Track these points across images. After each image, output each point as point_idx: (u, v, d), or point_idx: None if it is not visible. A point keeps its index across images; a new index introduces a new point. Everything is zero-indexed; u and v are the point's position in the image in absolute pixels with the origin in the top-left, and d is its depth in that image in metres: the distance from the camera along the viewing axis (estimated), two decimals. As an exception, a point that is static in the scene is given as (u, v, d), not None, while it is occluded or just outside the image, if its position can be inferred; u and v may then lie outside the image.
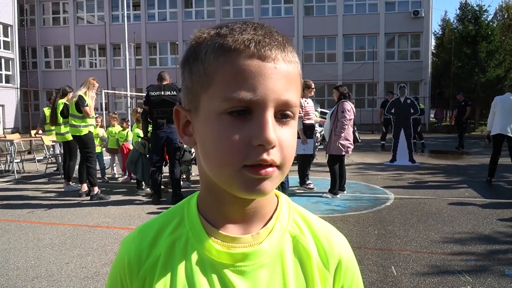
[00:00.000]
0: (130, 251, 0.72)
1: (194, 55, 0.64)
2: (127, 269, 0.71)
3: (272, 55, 0.60)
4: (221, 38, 0.61)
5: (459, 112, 14.57)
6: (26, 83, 19.26)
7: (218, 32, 0.63)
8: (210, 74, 0.61)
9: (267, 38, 0.61)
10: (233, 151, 0.60)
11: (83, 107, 6.83)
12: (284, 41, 0.63)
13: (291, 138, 0.63)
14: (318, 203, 6.56)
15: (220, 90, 0.60)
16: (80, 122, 6.94)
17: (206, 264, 0.68)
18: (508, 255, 4.21)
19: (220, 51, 0.61)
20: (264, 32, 0.62)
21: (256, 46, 0.60)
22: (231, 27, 0.63)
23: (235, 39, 0.60)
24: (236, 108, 0.60)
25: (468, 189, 7.54)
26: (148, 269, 0.70)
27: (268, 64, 0.60)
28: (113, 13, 31.53)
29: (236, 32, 0.61)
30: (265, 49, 0.60)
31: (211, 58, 0.61)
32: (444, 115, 32.19)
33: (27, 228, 5.36)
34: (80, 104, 6.84)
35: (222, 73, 0.60)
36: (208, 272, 0.67)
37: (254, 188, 0.61)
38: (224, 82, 0.60)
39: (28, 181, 9.07)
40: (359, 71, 28.27)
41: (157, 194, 6.65)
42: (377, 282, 3.53)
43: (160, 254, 0.70)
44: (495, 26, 26.76)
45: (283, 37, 0.64)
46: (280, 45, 0.62)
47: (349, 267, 0.74)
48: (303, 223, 0.74)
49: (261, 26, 0.64)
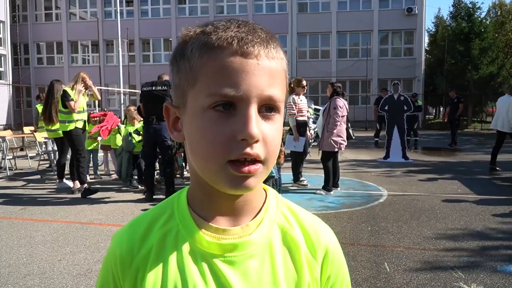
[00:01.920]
0: (122, 244, 0.73)
1: (181, 52, 0.66)
2: (119, 262, 0.72)
3: (254, 52, 0.62)
4: (206, 36, 0.63)
5: (452, 109, 14.63)
6: (18, 80, 19.10)
7: (203, 30, 0.65)
8: (196, 71, 0.63)
9: (250, 35, 0.63)
10: (217, 146, 0.61)
11: (67, 102, 6.70)
12: (267, 38, 0.64)
13: (275, 133, 0.65)
14: (311, 200, 6.57)
15: (205, 86, 0.62)
16: (65, 118, 6.80)
17: (197, 255, 0.69)
18: (500, 251, 4.24)
19: (205, 48, 0.63)
20: (247, 29, 0.64)
21: (239, 43, 0.61)
22: (216, 25, 0.64)
23: (219, 36, 0.62)
24: (220, 103, 0.61)
25: (460, 186, 7.59)
26: (140, 261, 0.71)
27: (251, 60, 0.61)
28: (106, 9, 31.33)
29: (220, 30, 0.63)
30: (247, 45, 0.61)
31: (196, 56, 0.63)
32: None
33: (19, 225, 5.32)
34: (64, 98, 6.72)
35: (206, 69, 0.62)
36: (199, 261, 0.69)
37: (238, 184, 0.63)
38: (209, 79, 0.62)
39: (20, 178, 9.01)
40: (353, 68, 28.31)
41: (150, 191, 6.63)
42: (370, 279, 3.54)
43: (152, 246, 0.71)
44: (488, 24, 26.90)
45: (267, 33, 0.65)
46: (263, 42, 0.63)
47: (335, 257, 0.76)
48: (291, 215, 0.76)
49: (245, 23, 0.65)
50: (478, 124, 26.56)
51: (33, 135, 10.39)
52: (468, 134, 21.43)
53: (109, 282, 0.75)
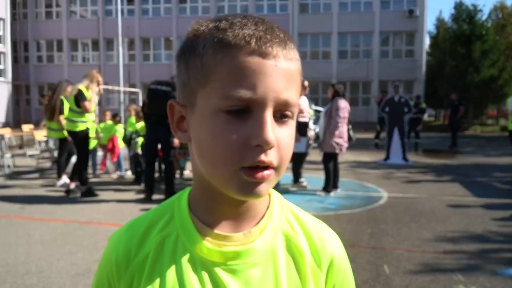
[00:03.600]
0: (118, 249, 0.70)
1: (192, 48, 0.62)
2: (114, 267, 0.70)
3: (273, 52, 0.59)
4: (221, 32, 0.59)
5: (453, 111, 14.62)
6: (18, 77, 19.08)
7: (217, 25, 0.60)
8: (208, 69, 0.59)
9: (268, 34, 0.59)
10: (230, 152, 0.58)
11: (83, 102, 6.44)
12: (285, 38, 0.61)
13: (289, 139, 0.62)
14: (311, 201, 6.56)
15: (219, 87, 0.58)
16: (78, 118, 6.60)
17: (197, 263, 0.66)
18: (500, 254, 4.23)
19: (219, 46, 0.59)
20: (265, 27, 0.60)
21: (257, 43, 0.58)
22: (231, 21, 0.60)
23: (235, 34, 0.58)
24: (235, 107, 0.58)
25: (460, 188, 7.57)
26: (136, 267, 0.68)
27: (269, 61, 0.58)
28: (107, 8, 31.29)
29: (236, 27, 0.59)
30: (266, 45, 0.58)
31: (210, 53, 0.59)
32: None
33: (18, 224, 5.30)
34: (80, 98, 6.45)
35: (221, 69, 0.58)
36: (199, 270, 0.66)
37: (250, 191, 0.60)
38: (223, 79, 0.58)
39: (19, 176, 8.99)
40: (354, 69, 28.33)
41: (150, 190, 6.61)
42: (369, 281, 3.53)
43: (149, 252, 0.68)
44: (489, 26, 26.85)
45: (285, 33, 0.62)
46: (282, 42, 0.60)
47: (341, 266, 0.73)
48: (295, 222, 0.73)
49: (262, 20, 0.62)
50: (479, 127, 26.54)
51: (32, 133, 10.35)
52: (469, 136, 21.42)
53: (104, 284, 0.72)
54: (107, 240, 0.72)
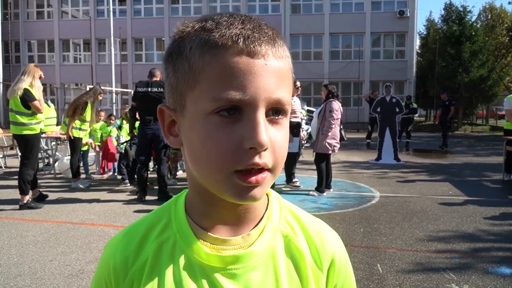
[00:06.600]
0: (115, 256, 0.69)
1: (178, 50, 0.60)
2: (112, 274, 0.68)
3: (262, 51, 0.57)
4: (207, 32, 0.57)
5: (443, 111, 14.74)
6: (9, 78, 18.92)
7: (203, 26, 0.59)
8: (196, 72, 0.57)
9: (256, 32, 0.57)
10: (222, 155, 0.56)
11: (32, 102, 5.78)
12: (274, 35, 0.59)
13: (283, 139, 0.60)
14: (304, 201, 6.58)
15: (207, 89, 0.56)
16: (31, 119, 5.89)
17: (196, 268, 0.65)
18: (491, 253, 4.28)
19: (206, 47, 0.57)
20: (253, 25, 0.58)
21: (245, 42, 0.56)
22: (217, 21, 0.58)
23: (222, 34, 0.56)
24: (225, 107, 0.56)
25: (451, 188, 7.64)
26: (135, 274, 0.67)
27: (258, 60, 0.56)
28: (99, 8, 31.10)
29: (222, 27, 0.57)
30: (254, 44, 0.56)
31: (197, 55, 0.57)
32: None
33: (10, 225, 5.26)
34: (28, 99, 5.76)
35: (209, 71, 0.56)
36: (198, 276, 0.64)
37: (245, 195, 0.58)
38: (211, 81, 0.56)
39: (10, 177, 8.91)
40: (345, 70, 28.41)
41: (142, 191, 6.60)
42: (363, 280, 3.56)
43: (147, 258, 0.67)
44: (478, 27, 27.13)
45: (273, 30, 0.60)
46: (270, 40, 0.58)
47: (342, 266, 0.72)
48: (295, 222, 0.72)
49: (249, 18, 0.60)
50: (469, 127, 26.77)
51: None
52: (459, 136, 21.59)
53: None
54: (100, 241, 0.72)
